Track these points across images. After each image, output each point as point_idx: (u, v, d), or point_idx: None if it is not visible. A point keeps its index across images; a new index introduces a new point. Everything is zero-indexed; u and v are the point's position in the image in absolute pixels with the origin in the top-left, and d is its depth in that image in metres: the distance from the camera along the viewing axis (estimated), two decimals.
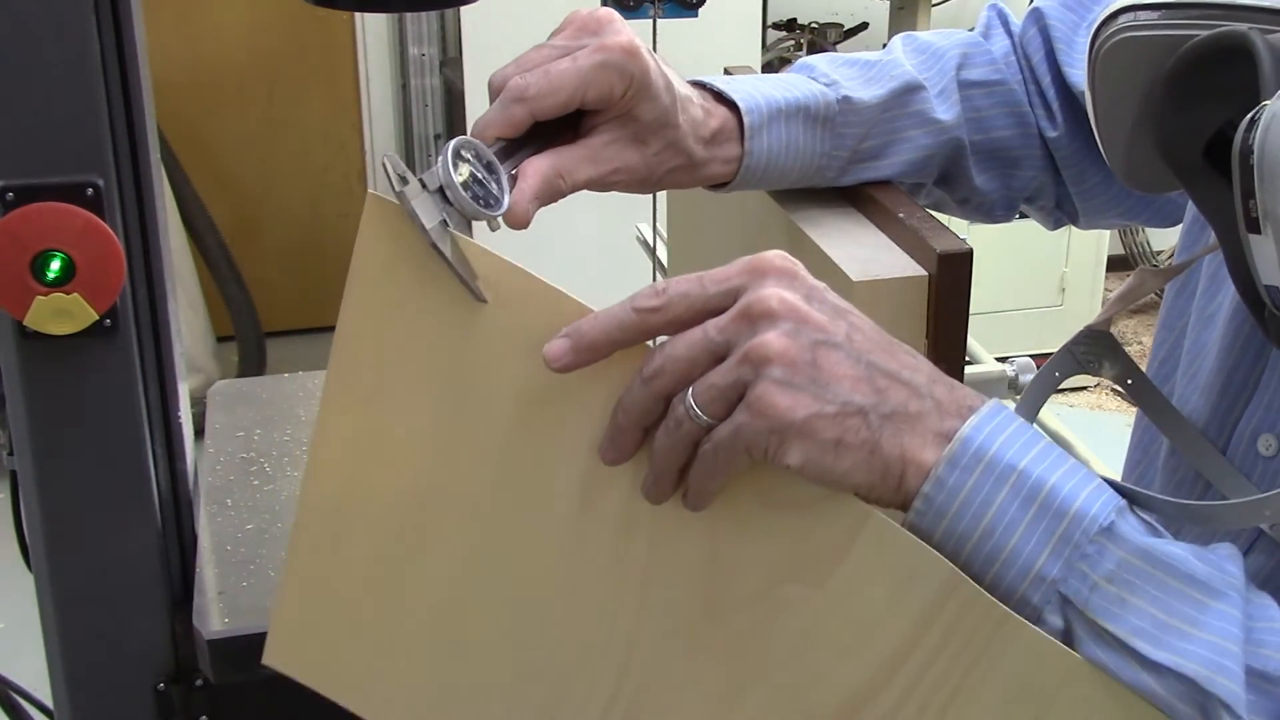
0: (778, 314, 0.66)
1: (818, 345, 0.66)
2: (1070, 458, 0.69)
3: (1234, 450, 0.83)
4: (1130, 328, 4.32)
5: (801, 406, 0.65)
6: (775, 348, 0.65)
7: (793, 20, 4.05)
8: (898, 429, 0.66)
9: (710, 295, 0.68)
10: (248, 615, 1.11)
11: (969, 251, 0.87)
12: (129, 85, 1.04)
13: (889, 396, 0.67)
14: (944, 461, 0.66)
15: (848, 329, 0.67)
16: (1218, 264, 0.85)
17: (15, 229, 0.99)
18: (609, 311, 0.69)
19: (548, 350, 0.69)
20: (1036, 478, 0.66)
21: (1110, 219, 1.07)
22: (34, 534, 1.12)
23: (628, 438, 0.70)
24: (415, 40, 3.84)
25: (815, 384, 0.65)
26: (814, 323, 0.66)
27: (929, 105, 0.97)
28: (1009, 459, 0.66)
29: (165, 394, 1.12)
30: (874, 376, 0.67)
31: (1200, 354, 0.86)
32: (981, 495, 0.66)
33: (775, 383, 0.65)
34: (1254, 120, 0.63)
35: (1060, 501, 0.66)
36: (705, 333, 0.67)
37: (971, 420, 0.67)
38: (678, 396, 0.67)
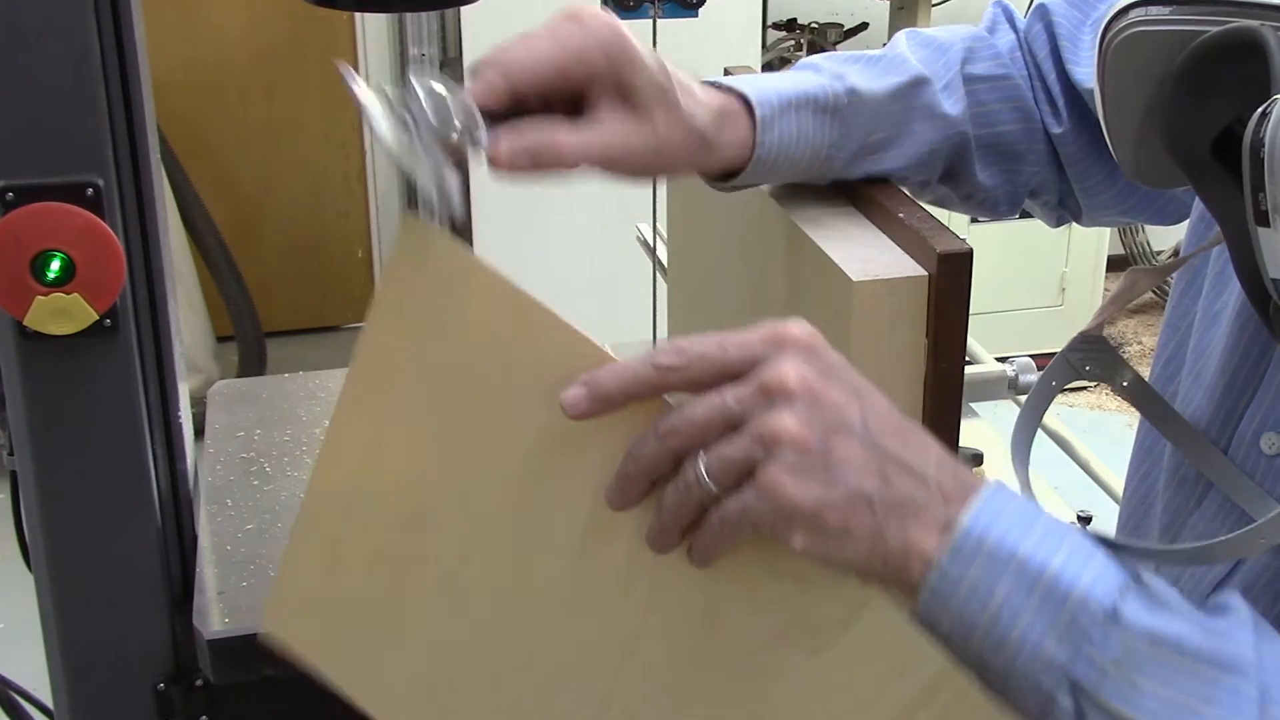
0: (794, 394, 0.66)
1: (831, 429, 0.66)
2: (1071, 532, 0.68)
3: (1236, 449, 0.83)
4: (1130, 328, 4.32)
5: (810, 493, 0.65)
6: (789, 431, 0.65)
7: (793, 20, 4.05)
8: (903, 519, 0.67)
9: (730, 360, 0.68)
10: (248, 615, 1.11)
11: (969, 251, 0.86)
12: (129, 85, 1.04)
13: (896, 486, 0.67)
14: (947, 552, 0.66)
15: (862, 411, 0.67)
16: (1223, 262, 0.85)
17: (15, 229, 0.99)
18: (629, 364, 0.69)
19: (565, 397, 0.69)
20: (1038, 563, 0.66)
21: (1113, 216, 1.07)
22: (34, 534, 1.12)
23: (635, 487, 0.70)
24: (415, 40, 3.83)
25: (825, 470, 0.66)
26: (829, 404, 0.67)
27: (936, 99, 0.97)
28: (1009, 546, 0.66)
29: (165, 394, 1.12)
30: (884, 464, 0.67)
31: (1205, 353, 0.86)
32: (985, 584, 0.66)
33: (786, 466, 0.65)
34: (1265, 114, 0.63)
35: (1063, 587, 0.66)
36: (723, 401, 0.67)
37: (972, 507, 0.67)
38: (690, 459, 0.68)
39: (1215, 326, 0.86)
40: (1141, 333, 4.30)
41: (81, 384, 1.07)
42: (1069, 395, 3.91)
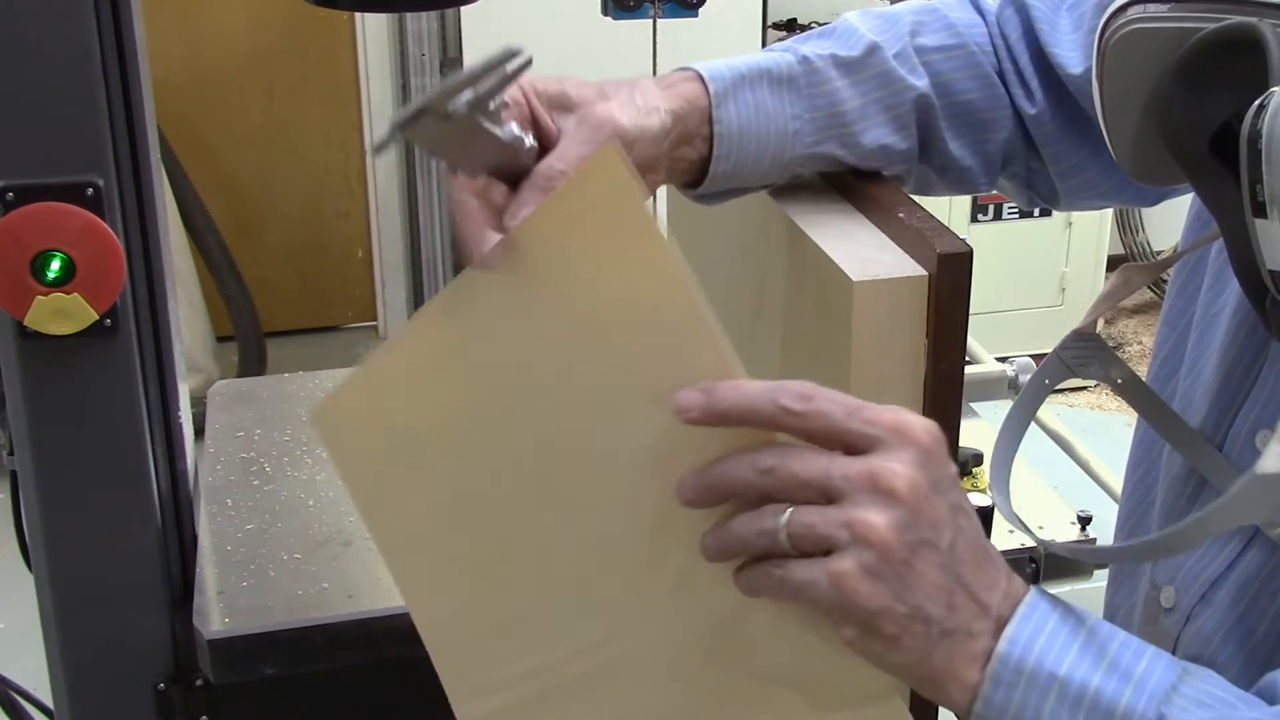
0: (901, 498, 0.66)
1: (920, 544, 0.66)
2: (1115, 639, 0.69)
3: (1231, 446, 0.83)
4: (1130, 328, 4.32)
5: (877, 599, 0.66)
6: (882, 534, 0.65)
7: (793, 20, 4.05)
8: (953, 645, 0.67)
9: (849, 429, 0.67)
10: (248, 615, 1.11)
11: (969, 251, 0.86)
12: (129, 85, 1.04)
13: (959, 614, 0.67)
14: (988, 680, 0.67)
15: (953, 535, 0.68)
16: (1222, 262, 0.85)
17: (15, 229, 1.00)
18: (751, 389, 0.68)
19: (681, 397, 0.69)
20: (1079, 682, 0.67)
21: (1090, 200, 1.07)
22: (34, 534, 1.12)
23: (712, 496, 0.70)
24: (415, 40, 3.84)
25: (900, 581, 0.66)
26: (927, 519, 0.66)
27: (889, 65, 0.97)
28: (1049, 667, 0.67)
29: (165, 394, 1.12)
30: (955, 591, 0.67)
31: (1204, 352, 0.86)
32: (1030, 708, 0.67)
33: (863, 566, 0.65)
34: (1262, 106, 0.63)
35: (1108, 701, 0.66)
36: (829, 471, 0.67)
37: (1008, 632, 0.68)
38: (775, 507, 0.67)
39: (1214, 326, 0.86)
40: (1141, 333, 4.30)
41: (81, 384, 1.07)
42: (1069, 395, 3.91)
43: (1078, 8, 0.99)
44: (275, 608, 1.13)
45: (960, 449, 0.91)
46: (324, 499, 1.29)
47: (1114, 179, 1.03)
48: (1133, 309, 4.40)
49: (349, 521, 1.25)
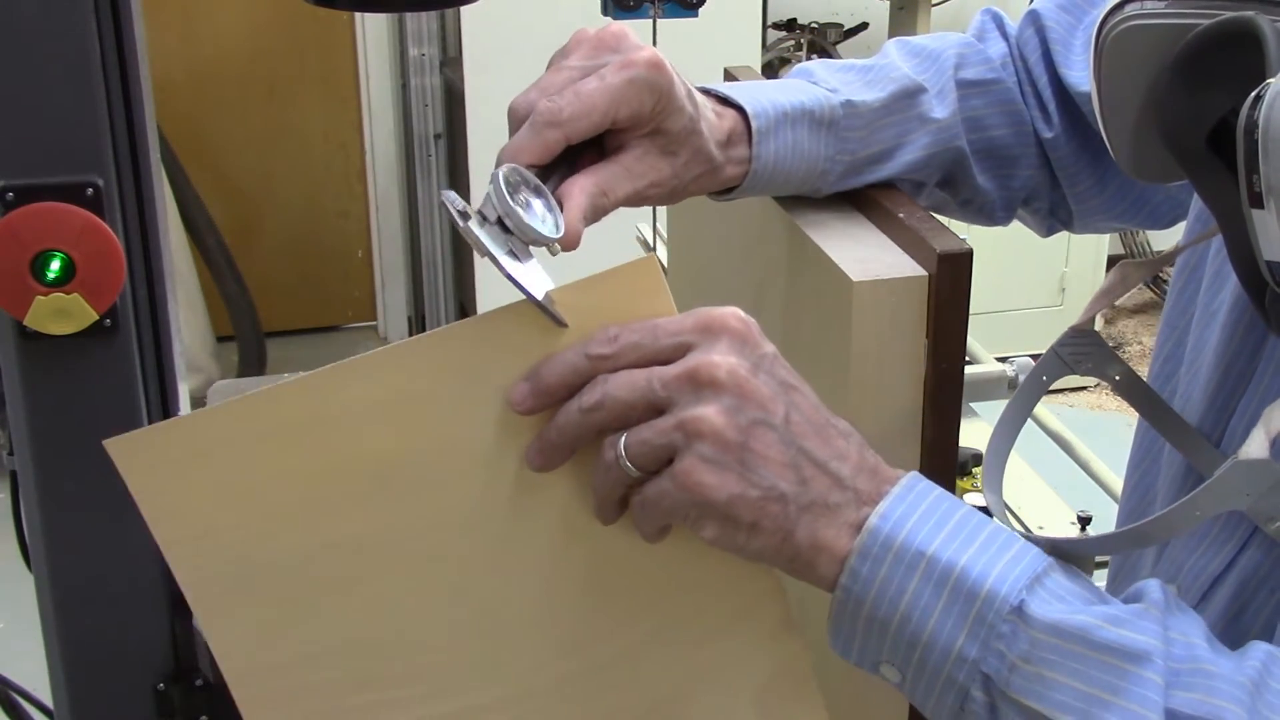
0: (722, 386, 0.67)
1: (753, 425, 0.67)
2: (986, 527, 0.69)
3: (1229, 443, 0.83)
4: (1130, 328, 4.32)
5: (725, 487, 0.66)
6: (712, 424, 0.66)
7: (793, 20, 4.05)
8: (814, 519, 0.68)
9: (661, 348, 0.69)
10: None
11: (969, 251, 0.86)
12: (129, 85, 1.04)
13: (811, 486, 0.68)
14: (855, 553, 0.68)
15: (787, 409, 0.68)
16: (1221, 260, 0.86)
17: (15, 229, 0.99)
18: (564, 356, 0.70)
19: (512, 394, 0.70)
20: (946, 561, 0.67)
21: (1105, 222, 1.07)
22: (34, 534, 1.12)
23: (557, 453, 0.71)
24: (415, 40, 3.84)
25: (743, 465, 0.67)
26: (755, 400, 0.67)
27: (929, 106, 0.97)
28: (917, 545, 0.67)
29: (165, 394, 1.12)
30: (801, 464, 0.68)
31: (1203, 350, 0.86)
32: (895, 583, 0.68)
33: (703, 460, 0.66)
34: (1259, 97, 0.63)
35: (971, 584, 0.67)
36: (649, 382, 0.68)
37: (880, 508, 0.68)
38: (611, 438, 0.69)
39: (1212, 324, 0.86)
40: (1141, 333, 4.30)
41: (81, 384, 1.07)
42: (1069, 395, 3.91)
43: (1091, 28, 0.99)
44: None
45: (960, 449, 0.91)
46: None
47: (1127, 201, 1.03)
48: (1133, 309, 4.40)
49: None
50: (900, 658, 0.69)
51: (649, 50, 0.81)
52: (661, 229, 2.29)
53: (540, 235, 0.73)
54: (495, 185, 0.72)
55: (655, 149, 0.83)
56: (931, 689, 0.68)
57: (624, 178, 0.82)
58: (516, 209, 0.72)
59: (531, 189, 0.75)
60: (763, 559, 0.69)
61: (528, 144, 0.77)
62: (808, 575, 0.70)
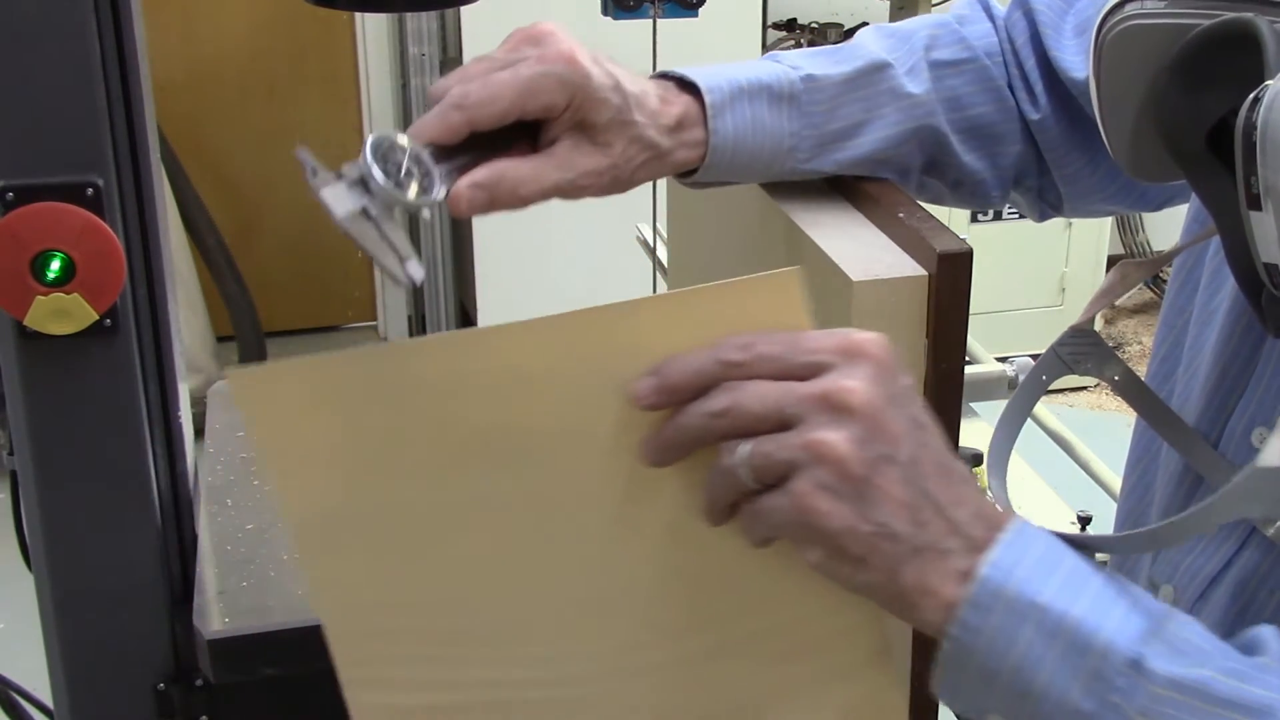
0: (856, 414, 0.65)
1: (880, 460, 0.65)
2: (1094, 576, 0.67)
3: (1227, 443, 0.83)
4: (1130, 328, 4.32)
5: (839, 518, 0.64)
6: (838, 451, 0.64)
7: (793, 20, 4.06)
8: (924, 563, 0.66)
9: (796, 364, 0.67)
10: (248, 615, 1.11)
11: (969, 251, 0.86)
12: (129, 85, 1.04)
13: (927, 530, 0.66)
14: (965, 603, 0.66)
15: (915, 448, 0.66)
16: (1220, 260, 0.86)
17: (15, 229, 1.00)
18: (694, 357, 0.68)
19: (636, 388, 0.69)
20: (1059, 612, 0.65)
21: (1096, 205, 1.07)
22: (34, 534, 1.12)
23: (673, 452, 0.70)
24: (415, 40, 3.84)
25: (861, 499, 0.65)
26: (886, 434, 0.65)
27: (898, 82, 0.97)
28: (1029, 595, 0.65)
29: (165, 394, 1.12)
30: (921, 506, 0.66)
31: (1201, 350, 0.86)
32: (1006, 635, 0.65)
33: (822, 485, 0.64)
34: (1257, 99, 0.63)
35: (1086, 636, 0.65)
36: (781, 397, 0.66)
37: (990, 556, 0.66)
38: (732, 444, 0.67)
39: (1210, 324, 0.86)
40: (1141, 332, 4.30)
41: (81, 384, 1.07)
42: (1069, 395, 3.91)
43: (1083, 12, 0.99)
44: (275, 608, 1.13)
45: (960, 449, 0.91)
46: None
47: (1118, 184, 1.03)
48: (1132, 309, 4.40)
49: None
50: (1011, 709, 0.67)
51: (567, 46, 0.83)
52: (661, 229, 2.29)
53: (397, 196, 0.75)
54: (364, 145, 0.75)
55: (585, 141, 0.85)
56: None
57: (552, 168, 0.84)
58: (373, 167, 0.74)
59: (409, 156, 0.77)
60: (864, 593, 0.68)
61: (430, 122, 0.80)
62: (908, 617, 0.68)
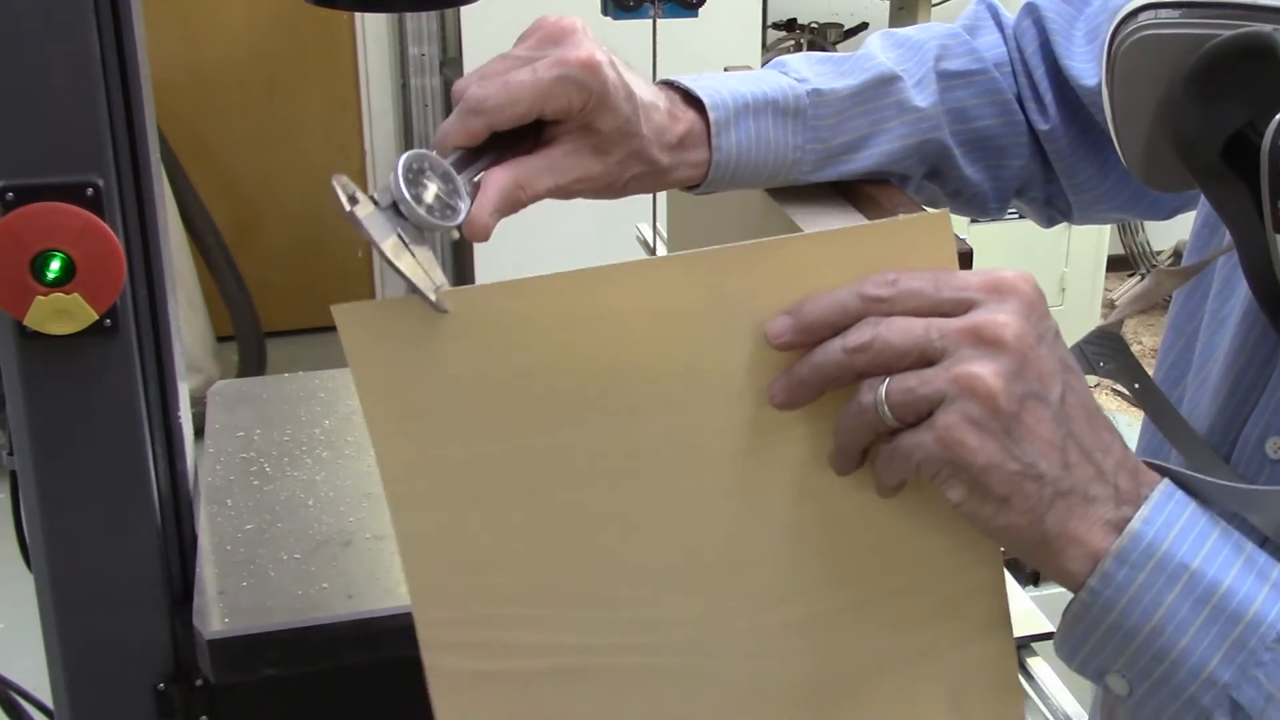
0: (1007, 348, 0.63)
1: (1028, 397, 0.63)
2: (1247, 546, 0.66)
3: (1240, 453, 0.82)
4: (1130, 327, 4.33)
5: (985, 453, 0.63)
6: (988, 384, 0.62)
7: (793, 20, 4.06)
8: (1069, 507, 0.65)
9: (943, 299, 0.65)
10: (248, 615, 1.11)
11: (969, 252, 0.86)
12: (129, 85, 1.04)
13: (1074, 473, 0.65)
14: (1112, 556, 0.65)
15: (1064, 388, 0.65)
16: (1231, 267, 0.85)
17: (15, 229, 0.99)
18: (835, 294, 0.66)
19: (771, 326, 0.67)
20: (1211, 579, 0.64)
21: (1105, 213, 1.06)
22: (34, 534, 1.12)
23: (807, 391, 0.67)
24: (415, 40, 3.84)
25: (1009, 435, 0.63)
26: (1036, 371, 0.64)
27: (906, 95, 0.96)
28: (1181, 557, 0.64)
29: (165, 394, 1.12)
30: (1068, 448, 0.65)
31: (1212, 357, 0.86)
32: (1151, 593, 0.64)
33: (969, 419, 0.63)
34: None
35: (1235, 605, 0.64)
36: (927, 331, 0.64)
37: (1143, 512, 0.65)
38: (871, 382, 0.65)
39: (1222, 331, 0.85)
40: (1141, 333, 4.30)
41: (81, 384, 1.07)
42: None
43: (1093, 19, 0.98)
44: (275, 608, 1.13)
45: None
46: (324, 499, 1.29)
47: (1128, 192, 1.02)
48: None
49: (349, 521, 1.25)
50: (1137, 670, 0.66)
51: (588, 49, 0.82)
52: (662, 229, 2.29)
53: (431, 221, 0.74)
54: (394, 170, 0.74)
55: (586, 146, 0.84)
56: (1166, 707, 0.66)
57: (547, 172, 0.82)
58: (406, 194, 0.73)
59: (439, 175, 0.76)
60: (1005, 537, 0.66)
61: (452, 128, 0.79)
62: (1049, 565, 0.66)
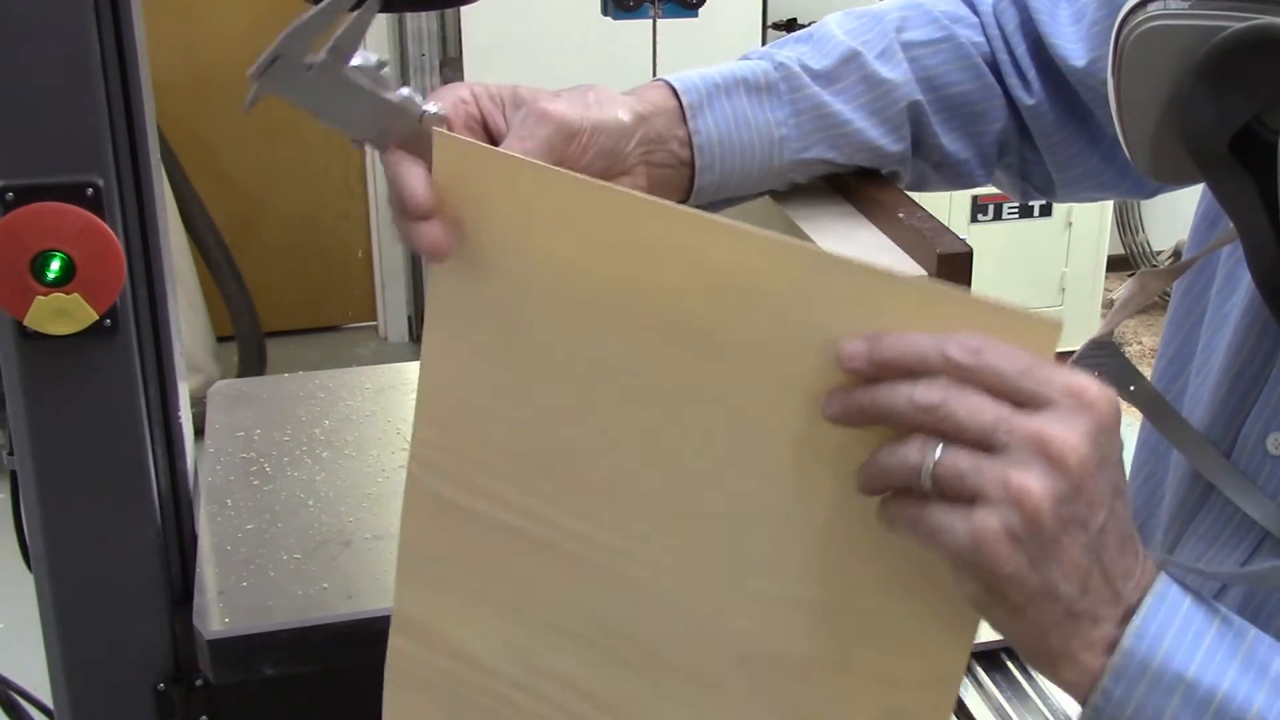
0: (1067, 471, 0.62)
1: (1072, 522, 0.63)
2: (1245, 639, 0.67)
3: (1241, 449, 0.82)
4: (1130, 327, 4.32)
5: (1013, 564, 0.62)
6: (1035, 501, 0.61)
7: (793, 20, 4.05)
8: (1075, 627, 0.65)
9: (1021, 388, 0.64)
10: (248, 615, 1.11)
11: (969, 252, 0.86)
12: (129, 85, 1.04)
13: (1090, 598, 0.65)
14: (1108, 674, 0.65)
15: (1106, 518, 0.65)
16: (1234, 263, 0.85)
17: (15, 229, 1.00)
18: (917, 340, 0.65)
19: (845, 346, 0.66)
20: (1208, 686, 0.65)
21: (1088, 191, 1.06)
22: (34, 534, 1.12)
23: (858, 418, 0.67)
24: (415, 40, 3.84)
25: (1041, 553, 0.63)
26: (1087, 498, 0.63)
27: (871, 69, 0.96)
28: (1175, 667, 0.65)
29: (165, 394, 1.12)
30: (1092, 575, 0.65)
31: (1213, 353, 0.86)
32: (1152, 706, 0.65)
33: (1009, 529, 0.62)
34: None
35: (1235, 710, 0.64)
36: (996, 420, 0.63)
37: (1134, 625, 0.65)
38: (924, 441, 0.64)
39: (1224, 327, 0.85)
40: (1141, 332, 4.30)
41: (81, 384, 1.07)
42: None
43: (1077, 0, 0.98)
44: (275, 608, 1.13)
45: None
46: (324, 499, 1.29)
47: (1112, 169, 1.02)
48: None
49: (349, 521, 1.25)
50: None
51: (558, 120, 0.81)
52: None
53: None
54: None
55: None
56: None
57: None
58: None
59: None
60: (1008, 637, 0.66)
61: None
62: (1048, 674, 0.67)
